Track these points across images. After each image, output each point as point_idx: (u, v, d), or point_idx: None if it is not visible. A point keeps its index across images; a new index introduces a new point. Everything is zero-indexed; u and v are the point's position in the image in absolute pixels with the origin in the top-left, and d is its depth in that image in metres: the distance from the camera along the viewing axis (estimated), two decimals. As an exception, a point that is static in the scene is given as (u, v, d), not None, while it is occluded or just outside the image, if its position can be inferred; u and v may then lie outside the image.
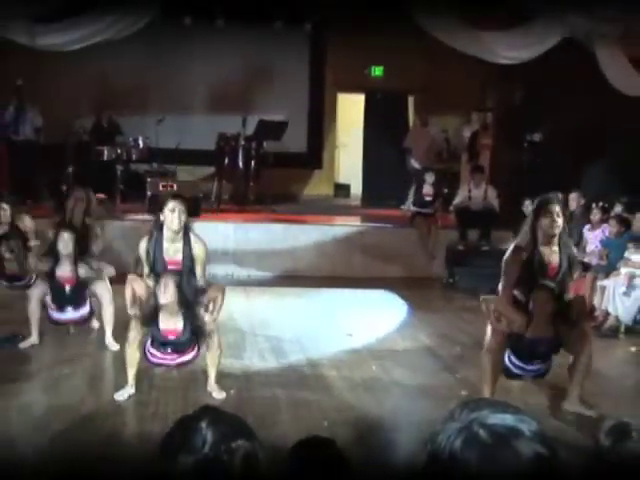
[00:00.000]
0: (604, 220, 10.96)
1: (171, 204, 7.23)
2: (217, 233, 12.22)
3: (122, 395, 7.18)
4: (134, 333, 7.17)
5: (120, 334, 7.86)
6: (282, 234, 13.01)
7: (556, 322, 6.60)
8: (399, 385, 7.79)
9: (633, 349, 9.49)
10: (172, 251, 7.32)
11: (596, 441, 3.25)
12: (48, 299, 8.35)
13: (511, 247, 6.87)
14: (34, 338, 8.51)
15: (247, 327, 9.69)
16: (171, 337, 7.01)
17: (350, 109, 17.89)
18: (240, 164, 14.95)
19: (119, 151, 14.84)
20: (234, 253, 12.70)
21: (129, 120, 16.04)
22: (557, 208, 6.70)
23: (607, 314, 10.13)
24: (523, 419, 1.57)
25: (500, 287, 6.87)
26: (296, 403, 7.10)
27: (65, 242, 8.19)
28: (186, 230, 7.35)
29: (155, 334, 7.01)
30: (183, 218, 7.23)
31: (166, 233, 7.28)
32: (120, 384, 7.27)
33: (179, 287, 6.87)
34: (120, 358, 7.48)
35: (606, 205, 11.32)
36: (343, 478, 3.08)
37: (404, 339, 9.47)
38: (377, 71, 17.62)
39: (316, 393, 7.46)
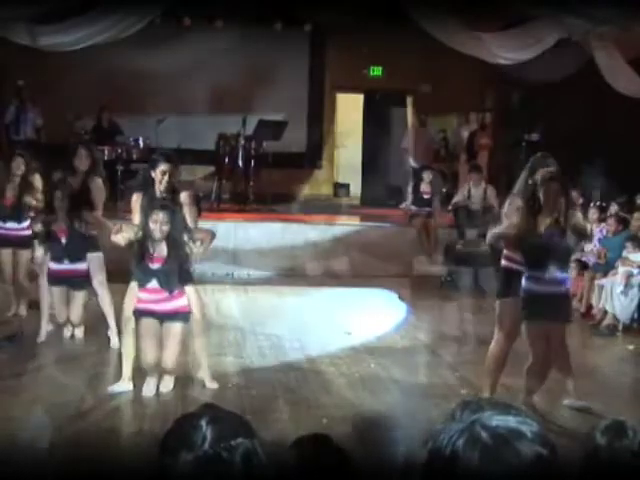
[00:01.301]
0: (602, 219, 10.97)
1: (163, 166, 7.27)
2: (217, 232, 12.20)
3: (116, 388, 7.14)
4: (130, 322, 7.10)
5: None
6: (282, 233, 13.01)
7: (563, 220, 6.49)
8: (397, 383, 7.79)
9: (631, 347, 9.49)
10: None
11: (592, 440, 3.23)
12: (48, 254, 8.45)
13: (508, 199, 6.84)
14: (44, 328, 8.55)
15: (247, 325, 9.68)
16: (157, 265, 6.90)
17: (349, 109, 17.89)
18: (240, 164, 14.94)
19: (119, 151, 14.84)
20: (234, 252, 12.69)
21: (130, 120, 16.03)
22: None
23: (605, 313, 10.12)
24: (525, 420, 1.57)
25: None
26: (295, 401, 7.11)
27: (59, 199, 8.28)
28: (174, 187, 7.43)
29: (141, 265, 6.95)
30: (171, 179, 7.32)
31: (157, 191, 7.34)
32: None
33: (171, 222, 6.84)
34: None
35: (604, 204, 11.32)
36: (342, 475, 3.08)
37: (403, 337, 9.48)
38: (376, 71, 17.61)
39: (315, 391, 7.48)
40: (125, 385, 7.18)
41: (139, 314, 7.06)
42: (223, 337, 8.78)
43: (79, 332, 8.82)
